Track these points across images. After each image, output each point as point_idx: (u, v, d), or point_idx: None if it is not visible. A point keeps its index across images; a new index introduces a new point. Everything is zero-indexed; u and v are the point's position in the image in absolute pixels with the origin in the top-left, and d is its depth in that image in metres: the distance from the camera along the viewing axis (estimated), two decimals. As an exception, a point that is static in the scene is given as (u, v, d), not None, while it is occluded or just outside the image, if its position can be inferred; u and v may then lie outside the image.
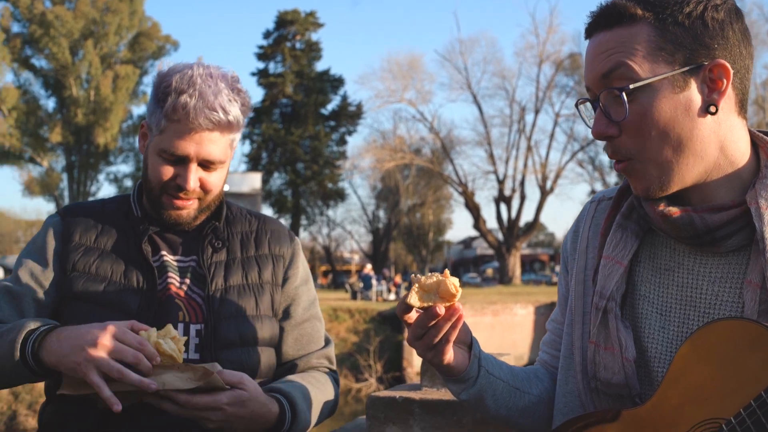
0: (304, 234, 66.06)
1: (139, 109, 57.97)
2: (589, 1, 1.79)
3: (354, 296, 37.97)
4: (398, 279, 44.06)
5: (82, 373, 1.90)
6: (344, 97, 64.52)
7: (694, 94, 1.58)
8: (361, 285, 38.91)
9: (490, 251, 61.61)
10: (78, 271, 2.25)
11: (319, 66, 65.49)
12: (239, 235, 2.42)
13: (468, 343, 1.80)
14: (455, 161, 53.12)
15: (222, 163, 2.29)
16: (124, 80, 53.13)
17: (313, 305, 2.50)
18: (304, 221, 64.46)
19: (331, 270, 64.68)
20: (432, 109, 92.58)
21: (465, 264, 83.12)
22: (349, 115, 63.72)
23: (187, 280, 2.29)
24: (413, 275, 1.68)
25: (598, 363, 1.71)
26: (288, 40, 63.79)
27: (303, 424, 2.22)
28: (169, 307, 2.23)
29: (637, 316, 1.73)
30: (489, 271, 71.71)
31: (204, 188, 2.27)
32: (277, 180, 63.90)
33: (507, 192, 50.88)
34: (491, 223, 53.24)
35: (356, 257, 68.36)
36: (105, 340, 1.89)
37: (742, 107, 1.64)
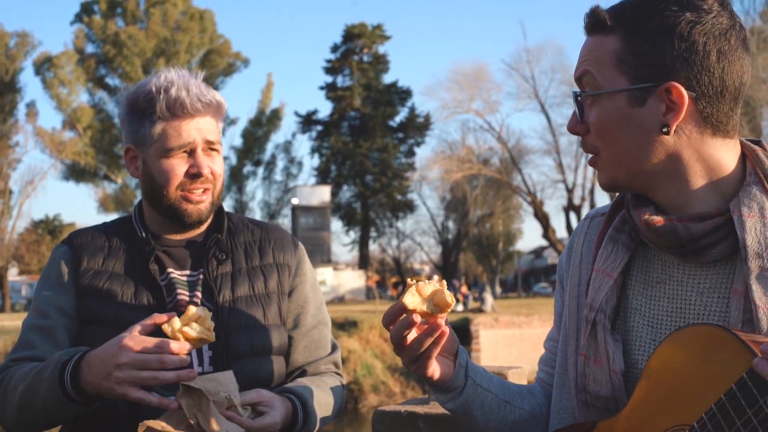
0: (374, 246, 66.32)
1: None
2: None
3: (422, 308, 37.78)
4: (464, 290, 43.83)
5: (120, 395, 1.96)
6: (412, 109, 64.75)
7: (649, 111, 1.59)
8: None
9: (561, 261, 60.79)
10: (90, 295, 2.30)
11: (387, 78, 65.69)
12: (242, 245, 2.46)
13: (454, 352, 1.81)
14: (524, 171, 52.60)
15: (219, 145, 2.39)
16: (195, 97, 53.91)
17: (320, 311, 2.54)
18: (373, 233, 64.76)
19: (401, 282, 64.69)
20: (499, 119, 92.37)
21: (536, 274, 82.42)
22: (417, 127, 63.88)
23: (198, 294, 2.33)
24: (409, 279, 1.68)
25: (588, 376, 1.71)
26: (355, 54, 64.35)
27: (312, 425, 2.26)
28: None
29: (628, 330, 1.72)
30: (560, 282, 70.88)
31: (213, 173, 2.34)
32: (346, 192, 64.38)
33: (576, 201, 50.20)
34: (561, 232, 52.63)
35: (426, 268, 68.31)
36: (125, 358, 1.94)
37: (717, 129, 1.61)
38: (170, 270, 2.35)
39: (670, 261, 1.70)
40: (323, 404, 2.35)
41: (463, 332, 28.67)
